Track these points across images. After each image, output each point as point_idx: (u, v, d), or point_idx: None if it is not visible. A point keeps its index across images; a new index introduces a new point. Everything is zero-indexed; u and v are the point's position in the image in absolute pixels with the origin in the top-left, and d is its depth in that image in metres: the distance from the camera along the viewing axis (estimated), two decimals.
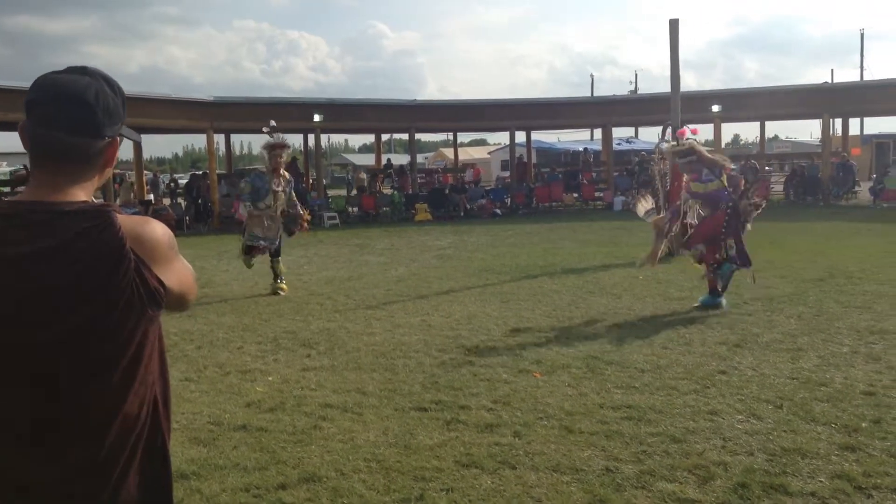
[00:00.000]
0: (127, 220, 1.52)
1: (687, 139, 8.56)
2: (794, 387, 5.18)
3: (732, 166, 8.57)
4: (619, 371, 5.72)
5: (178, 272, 1.63)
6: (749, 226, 8.10)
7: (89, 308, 1.46)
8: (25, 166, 23.12)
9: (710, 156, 8.43)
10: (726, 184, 8.03)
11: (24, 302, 1.44)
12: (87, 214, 1.49)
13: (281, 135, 10.16)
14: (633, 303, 8.46)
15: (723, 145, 31.18)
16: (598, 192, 27.15)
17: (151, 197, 25.71)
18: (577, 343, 6.63)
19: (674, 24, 12.72)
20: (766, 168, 28.62)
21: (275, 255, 10.05)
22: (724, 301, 8.02)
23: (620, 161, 30.65)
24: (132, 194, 23.71)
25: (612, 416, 4.74)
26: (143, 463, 1.57)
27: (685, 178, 8.44)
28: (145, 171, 33.68)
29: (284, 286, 9.93)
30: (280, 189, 9.90)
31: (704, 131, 33.66)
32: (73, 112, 1.52)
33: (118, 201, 21.77)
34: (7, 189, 23.81)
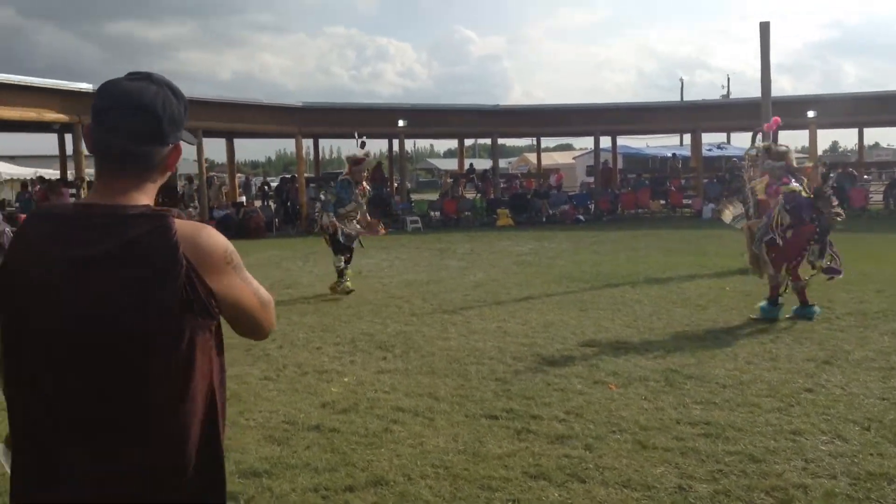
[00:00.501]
0: (184, 226, 1.55)
1: (783, 145, 8.33)
2: (884, 408, 4.90)
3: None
4: (699, 386, 5.55)
5: (234, 287, 1.62)
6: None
7: (141, 311, 1.49)
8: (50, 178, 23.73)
9: (795, 167, 8.22)
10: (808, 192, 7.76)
11: (81, 302, 1.49)
12: (146, 219, 1.52)
13: (366, 148, 10.55)
14: (719, 315, 8.20)
15: (820, 152, 30.03)
16: (687, 199, 26.50)
17: (243, 199, 26.56)
18: (656, 355, 6.46)
19: (764, 28, 12.29)
20: (865, 177, 27.37)
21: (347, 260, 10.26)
22: (817, 308, 7.76)
23: (711, 167, 29.87)
24: (223, 196, 24.52)
25: (689, 432, 4.59)
26: (197, 468, 1.58)
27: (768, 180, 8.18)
28: (238, 174, 34.85)
29: (347, 285, 10.07)
30: (362, 201, 10.24)
31: (799, 138, 32.45)
32: (141, 121, 1.57)
33: (211, 203, 22.56)
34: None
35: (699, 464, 4.11)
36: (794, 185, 7.78)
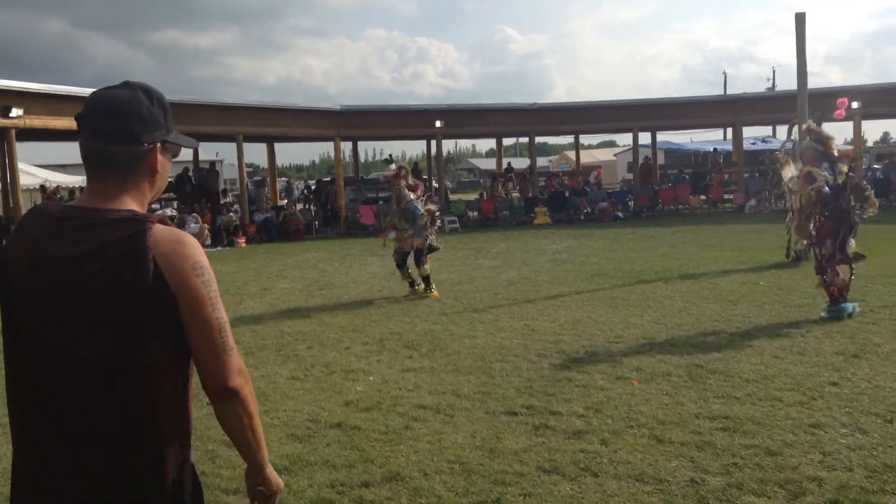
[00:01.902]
0: (161, 234, 1.62)
1: (827, 133, 8.09)
2: None
3: (850, 173, 7.94)
4: (722, 380, 5.52)
5: (197, 299, 1.63)
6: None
7: (109, 312, 1.57)
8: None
9: (835, 154, 7.97)
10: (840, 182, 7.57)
11: (60, 298, 1.59)
12: (124, 224, 1.61)
13: (397, 165, 10.73)
14: (749, 310, 8.11)
15: (870, 143, 29.33)
16: (728, 193, 26.11)
17: (285, 202, 26.95)
18: (681, 351, 6.44)
19: (800, 19, 12.10)
20: None
21: (416, 263, 10.09)
22: (851, 305, 7.50)
23: (755, 161, 29.36)
24: (265, 199, 24.88)
25: (707, 426, 4.58)
26: (160, 467, 1.64)
27: (803, 167, 7.94)
28: (281, 178, 35.33)
29: (435, 292, 10.01)
30: (399, 212, 10.25)
31: (845, 129, 31.72)
32: (108, 122, 1.66)
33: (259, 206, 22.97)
34: None
35: (714, 457, 4.10)
36: (817, 171, 7.60)
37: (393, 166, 10.73)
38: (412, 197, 10.23)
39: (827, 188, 7.49)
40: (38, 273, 1.62)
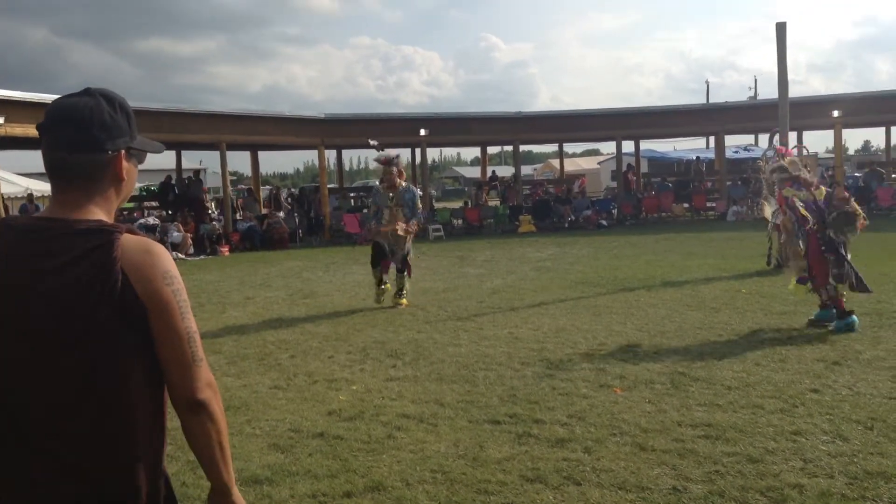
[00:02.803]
0: (130, 243, 1.60)
1: (786, 158, 8.17)
2: (890, 407, 4.86)
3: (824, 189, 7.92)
4: (705, 388, 5.54)
5: (166, 307, 1.62)
6: (850, 237, 7.52)
7: (80, 323, 1.55)
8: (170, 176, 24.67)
9: (805, 176, 7.87)
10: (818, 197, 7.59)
11: (27, 314, 1.56)
12: (93, 234, 1.58)
13: (385, 150, 10.31)
14: (732, 317, 8.15)
15: (852, 152, 29.62)
16: (711, 201, 26.29)
17: (268, 210, 26.83)
18: (664, 358, 6.46)
19: (781, 28, 12.23)
20: (894, 176, 26.95)
21: (400, 270, 9.96)
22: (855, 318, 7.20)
23: (737, 170, 29.61)
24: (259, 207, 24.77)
25: (689, 434, 4.60)
26: (132, 472, 1.62)
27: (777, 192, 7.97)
28: (265, 186, 35.25)
29: (404, 300, 9.88)
30: (392, 205, 9.86)
31: (825, 138, 31.96)
32: (69, 131, 1.63)
33: (238, 215, 22.85)
34: (132, 205, 25.45)
35: (696, 465, 4.11)
36: (792, 191, 7.68)
37: (380, 152, 10.16)
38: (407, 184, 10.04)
39: (808, 216, 7.45)
40: (5, 288, 1.58)
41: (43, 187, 27.86)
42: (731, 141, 31.42)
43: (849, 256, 7.43)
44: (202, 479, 4.15)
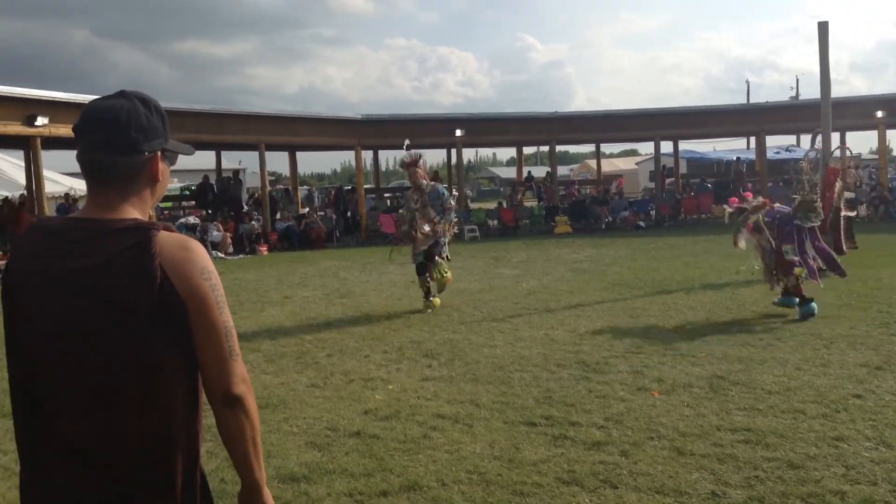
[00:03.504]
0: (168, 240, 1.62)
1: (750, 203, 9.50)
2: None
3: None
4: (745, 392, 5.46)
5: (204, 303, 1.64)
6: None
7: (119, 321, 1.57)
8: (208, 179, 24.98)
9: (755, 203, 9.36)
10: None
11: (66, 313, 1.59)
12: (130, 233, 1.60)
13: (413, 151, 10.20)
14: (773, 320, 8.02)
15: None
16: None
17: (307, 210, 27.10)
18: (703, 362, 6.38)
19: (823, 27, 11.98)
20: None
21: (424, 271, 9.76)
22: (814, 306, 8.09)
23: (779, 170, 29.12)
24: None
25: (729, 438, 4.53)
26: (171, 476, 1.64)
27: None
28: (305, 186, 35.56)
29: (436, 300, 9.72)
30: (418, 206, 9.72)
31: (868, 138, 31.28)
32: (107, 133, 1.65)
33: (278, 215, 23.12)
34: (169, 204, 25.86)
35: (736, 470, 4.06)
36: (754, 216, 8.79)
37: (407, 151, 10.08)
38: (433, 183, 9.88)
39: (771, 237, 8.50)
40: (43, 288, 1.61)
41: (84, 186, 28.46)
42: (773, 141, 30.91)
43: (815, 243, 8.48)
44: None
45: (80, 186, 26.72)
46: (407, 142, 10.34)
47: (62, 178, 26.22)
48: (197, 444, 1.70)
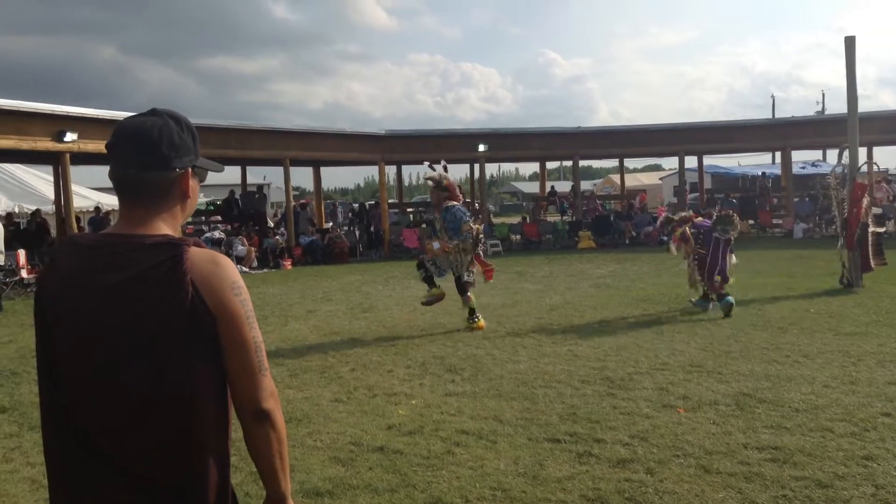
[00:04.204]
0: (198, 256, 1.65)
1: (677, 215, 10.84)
2: None
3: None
4: (772, 410, 5.40)
5: (235, 317, 1.65)
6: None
7: (151, 335, 1.59)
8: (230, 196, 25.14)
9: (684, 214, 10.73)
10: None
11: (98, 328, 1.61)
12: (162, 249, 1.63)
13: (436, 167, 10.01)
14: (799, 338, 7.93)
15: None
16: (777, 218, 25.66)
17: (330, 224, 27.27)
18: (729, 379, 6.32)
19: (850, 42, 11.89)
20: None
21: (460, 292, 9.63)
22: (710, 305, 9.82)
23: (804, 186, 28.85)
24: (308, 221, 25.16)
25: (756, 457, 4.48)
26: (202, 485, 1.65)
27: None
28: (329, 201, 35.75)
29: (480, 323, 9.35)
30: (440, 227, 9.70)
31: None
32: (140, 149, 1.68)
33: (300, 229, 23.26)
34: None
35: (763, 489, 4.01)
36: (682, 230, 10.11)
37: (430, 170, 9.93)
38: (454, 204, 9.62)
39: (696, 242, 9.95)
40: (75, 303, 1.63)
41: (112, 201, 28.83)
42: (798, 156, 30.65)
43: (732, 257, 10.02)
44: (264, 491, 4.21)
45: (107, 201, 27.12)
46: (426, 163, 10.27)
47: (90, 192, 26.60)
48: (227, 458, 1.72)
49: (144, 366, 1.60)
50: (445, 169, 10.03)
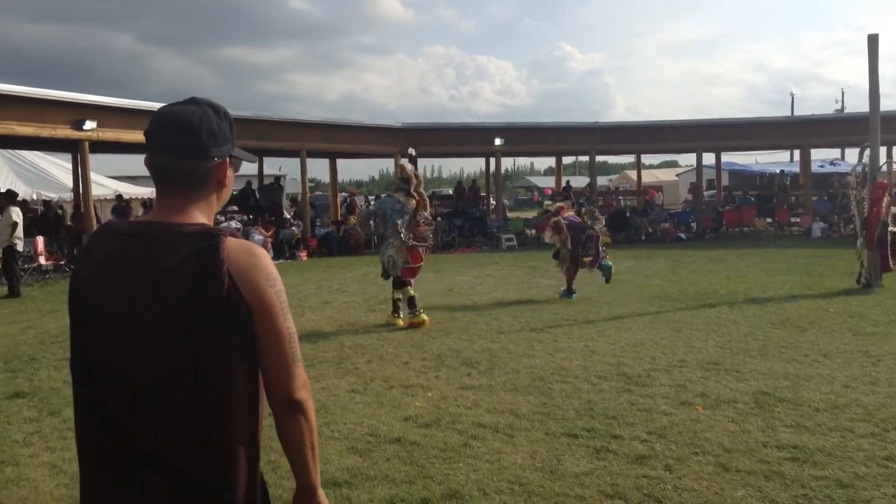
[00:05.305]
0: (234, 246, 1.64)
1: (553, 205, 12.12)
2: None
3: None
4: (791, 409, 5.36)
5: (270, 307, 1.65)
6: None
7: (188, 323, 1.59)
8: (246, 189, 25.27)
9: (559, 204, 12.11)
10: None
11: (134, 316, 1.60)
12: (198, 238, 1.62)
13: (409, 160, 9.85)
14: (819, 337, 7.87)
15: None
16: (795, 217, 25.47)
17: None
18: (748, 377, 6.28)
19: (873, 40, 11.74)
20: None
21: (394, 285, 9.66)
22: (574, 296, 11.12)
23: (823, 184, 28.61)
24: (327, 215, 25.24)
25: (775, 455, 4.45)
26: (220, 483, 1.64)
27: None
28: (343, 193, 35.78)
29: (399, 320, 9.41)
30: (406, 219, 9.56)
31: None
32: (179, 137, 1.68)
33: (318, 221, 23.33)
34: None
35: (783, 488, 3.98)
36: (557, 219, 11.39)
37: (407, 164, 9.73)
38: (405, 202, 9.45)
39: (567, 231, 11.21)
40: (111, 291, 1.63)
41: (131, 190, 28.91)
42: (817, 155, 30.36)
43: (601, 247, 11.63)
44: (283, 480, 4.23)
45: (125, 190, 27.26)
46: (411, 150, 10.32)
47: (108, 181, 26.75)
48: (258, 448, 1.71)
49: (179, 355, 1.59)
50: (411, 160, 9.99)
